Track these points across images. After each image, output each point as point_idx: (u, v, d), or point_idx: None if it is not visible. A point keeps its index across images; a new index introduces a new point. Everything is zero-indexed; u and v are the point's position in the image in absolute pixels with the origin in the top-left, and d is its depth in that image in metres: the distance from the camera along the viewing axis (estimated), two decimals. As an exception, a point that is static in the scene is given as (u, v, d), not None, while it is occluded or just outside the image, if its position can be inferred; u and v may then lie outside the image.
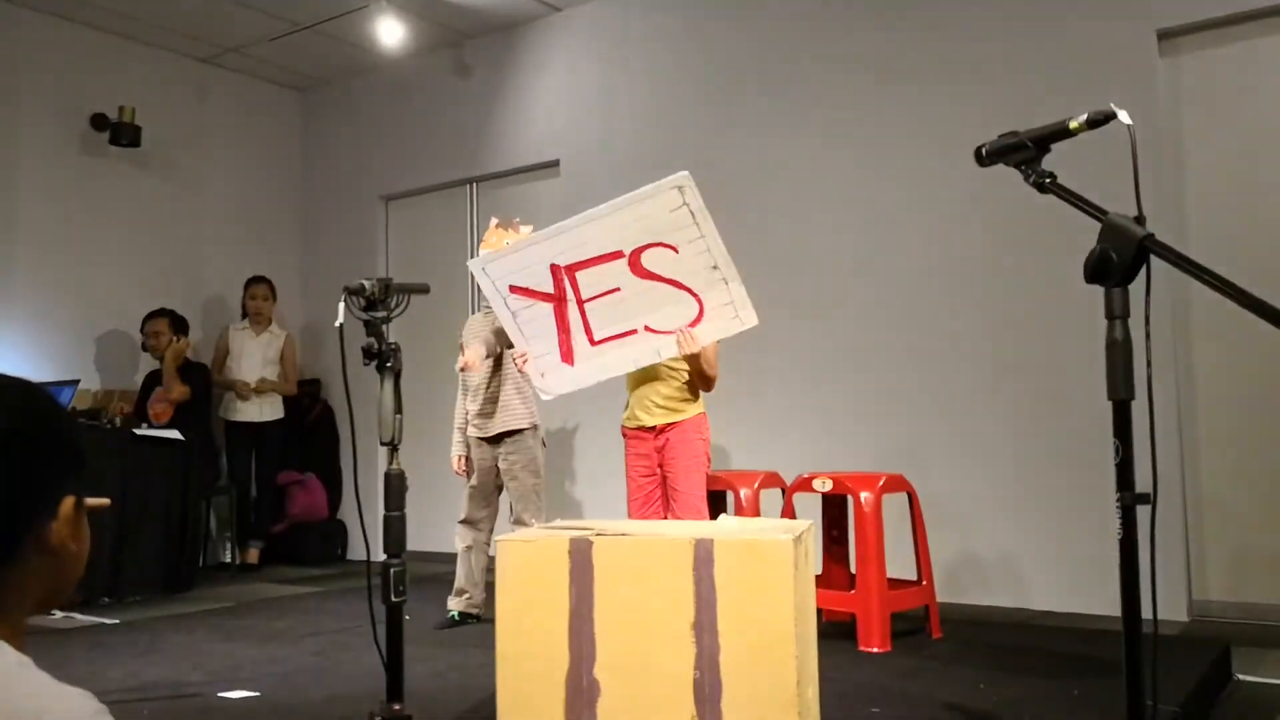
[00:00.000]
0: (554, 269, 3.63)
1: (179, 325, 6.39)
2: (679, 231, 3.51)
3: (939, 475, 4.72)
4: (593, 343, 3.72)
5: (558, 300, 3.68)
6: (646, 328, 3.67)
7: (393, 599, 2.45)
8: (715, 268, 3.54)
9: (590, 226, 3.58)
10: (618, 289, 3.63)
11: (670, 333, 3.65)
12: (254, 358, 6.73)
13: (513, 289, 3.72)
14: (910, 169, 4.99)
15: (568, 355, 3.76)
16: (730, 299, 3.57)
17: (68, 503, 1.04)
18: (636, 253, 3.57)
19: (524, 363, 3.81)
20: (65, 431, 1.06)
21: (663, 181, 3.47)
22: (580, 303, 3.67)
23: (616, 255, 3.60)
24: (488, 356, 4.25)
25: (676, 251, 3.54)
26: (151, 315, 6.39)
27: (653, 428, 3.92)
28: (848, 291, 5.14)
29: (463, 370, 4.27)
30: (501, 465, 4.37)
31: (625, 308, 3.64)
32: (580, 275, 3.63)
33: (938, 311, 4.88)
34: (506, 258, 3.71)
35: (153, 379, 6.38)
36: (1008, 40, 4.78)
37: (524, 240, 3.81)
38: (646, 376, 3.94)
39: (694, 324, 3.63)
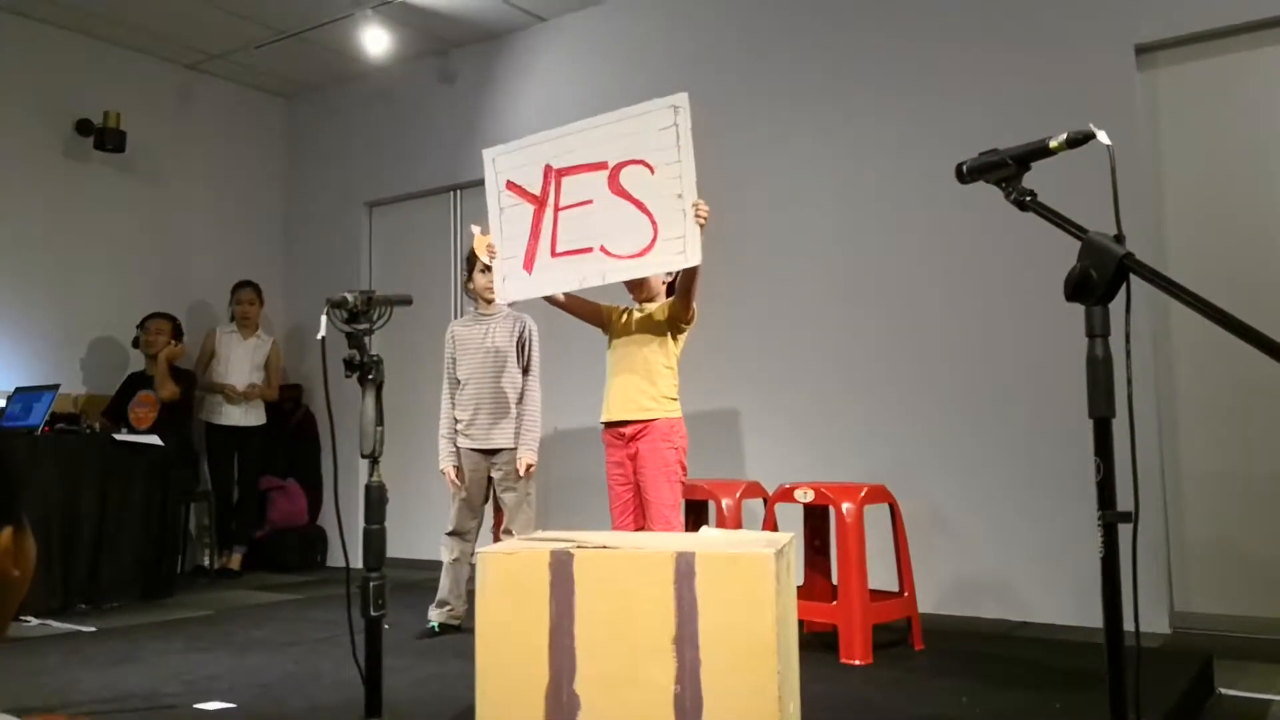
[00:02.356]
0: (546, 170, 3.83)
1: (178, 332, 6.42)
2: (660, 152, 3.59)
3: (921, 486, 4.73)
4: (553, 254, 3.83)
5: (539, 204, 3.84)
6: (602, 248, 3.73)
7: (372, 613, 2.44)
8: (680, 196, 3.56)
9: (588, 133, 3.76)
10: (590, 201, 3.74)
11: (622, 257, 3.68)
12: (242, 362, 6.70)
13: (509, 185, 3.93)
14: (895, 181, 5.00)
15: (529, 263, 3.88)
16: (682, 233, 3.57)
17: (5, 533, 1.01)
18: (618, 167, 3.68)
19: (492, 257, 4.01)
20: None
21: (662, 99, 3.59)
22: (556, 209, 3.81)
23: (601, 166, 3.72)
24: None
25: (652, 172, 3.62)
26: (154, 315, 6.41)
27: (624, 424, 3.89)
28: (832, 301, 5.15)
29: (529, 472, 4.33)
30: (495, 475, 4.33)
31: (590, 223, 3.73)
32: (565, 180, 3.80)
33: (922, 323, 4.90)
34: (518, 151, 3.94)
35: (132, 382, 6.34)
36: (987, 54, 4.80)
37: (536, 136, 3.97)
38: (623, 368, 3.93)
39: (644, 252, 3.64)
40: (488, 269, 4.34)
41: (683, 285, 3.80)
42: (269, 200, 7.63)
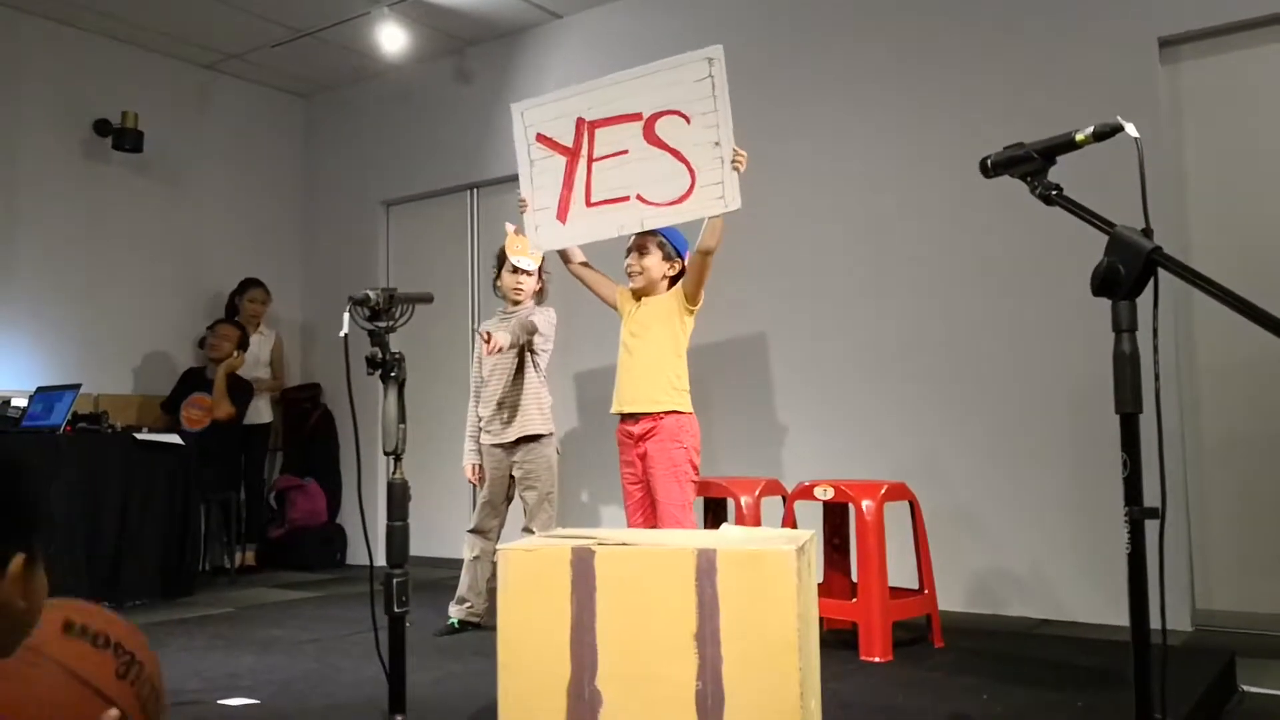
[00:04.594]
0: (579, 123, 3.88)
1: (244, 342, 6.57)
2: (696, 103, 3.66)
3: (941, 484, 4.71)
4: (588, 204, 3.87)
5: (572, 155, 3.89)
6: (639, 196, 3.78)
7: (395, 610, 2.45)
8: (717, 144, 3.63)
9: (623, 85, 3.82)
10: (626, 151, 3.80)
11: (660, 204, 3.73)
12: (251, 359, 6.77)
13: (539, 137, 3.97)
14: (918, 175, 4.98)
15: (563, 212, 3.93)
16: (720, 179, 3.62)
17: (17, 561, 0.99)
18: (653, 117, 3.74)
19: (524, 209, 4.02)
20: (14, 486, 1.01)
21: (696, 51, 3.67)
22: (590, 160, 3.86)
23: (636, 117, 3.78)
24: (512, 346, 4.20)
25: (688, 122, 3.68)
26: (222, 321, 6.61)
27: (634, 419, 3.90)
28: (853, 296, 5.13)
29: (497, 351, 4.08)
30: (517, 473, 4.33)
31: (626, 172, 3.79)
32: (600, 132, 3.85)
33: (943, 318, 4.87)
34: (547, 105, 3.99)
35: (189, 378, 6.49)
36: (1009, 47, 4.78)
37: (566, 90, 4.03)
38: (633, 358, 3.95)
39: (683, 199, 3.69)
40: (516, 270, 4.35)
41: (699, 259, 3.82)
42: (286, 199, 7.65)
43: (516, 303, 4.41)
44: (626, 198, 3.78)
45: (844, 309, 5.14)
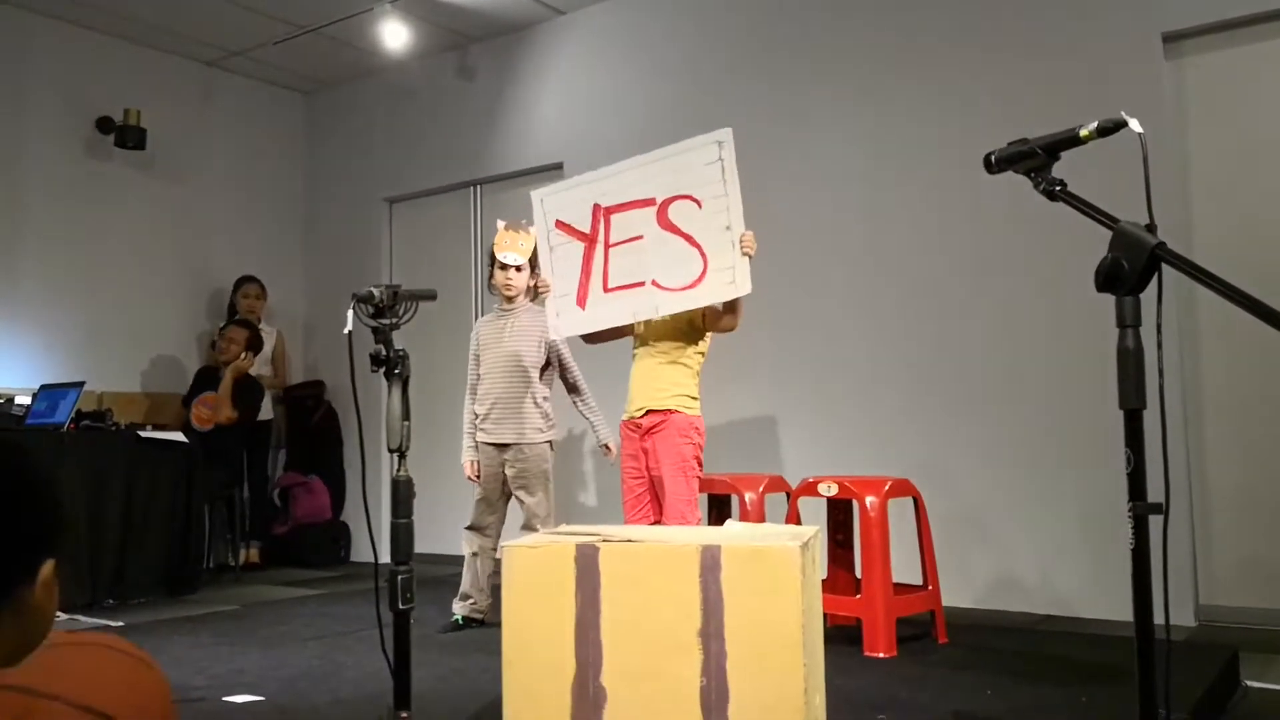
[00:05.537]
0: (595, 209, 3.88)
1: (254, 344, 6.53)
2: (707, 186, 3.66)
3: (945, 480, 4.71)
4: (605, 289, 3.88)
5: (590, 241, 3.90)
6: (654, 282, 3.79)
7: (400, 606, 2.45)
8: (728, 228, 3.63)
9: (636, 171, 3.82)
10: (640, 236, 3.80)
11: (673, 290, 3.73)
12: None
13: (558, 224, 3.97)
14: (922, 172, 4.97)
15: (582, 299, 3.94)
16: (731, 264, 3.63)
17: (48, 567, 1.00)
18: (666, 202, 3.75)
19: (546, 293, 4.01)
20: (47, 492, 1.02)
21: (706, 135, 3.66)
22: (607, 246, 3.86)
23: (649, 202, 3.79)
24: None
25: (700, 206, 3.69)
26: (235, 323, 6.57)
27: (641, 416, 3.90)
28: (855, 295, 5.13)
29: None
30: (509, 472, 4.34)
31: (641, 258, 3.79)
32: (614, 218, 3.85)
33: (945, 315, 4.87)
34: (566, 192, 3.99)
35: (203, 375, 6.52)
36: (1013, 41, 4.77)
37: (583, 176, 4.03)
38: (646, 367, 3.95)
39: (695, 284, 3.70)
40: (505, 266, 4.35)
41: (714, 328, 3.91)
42: (289, 196, 7.65)
43: (510, 299, 4.42)
44: (642, 283, 3.79)
45: (847, 306, 5.14)
